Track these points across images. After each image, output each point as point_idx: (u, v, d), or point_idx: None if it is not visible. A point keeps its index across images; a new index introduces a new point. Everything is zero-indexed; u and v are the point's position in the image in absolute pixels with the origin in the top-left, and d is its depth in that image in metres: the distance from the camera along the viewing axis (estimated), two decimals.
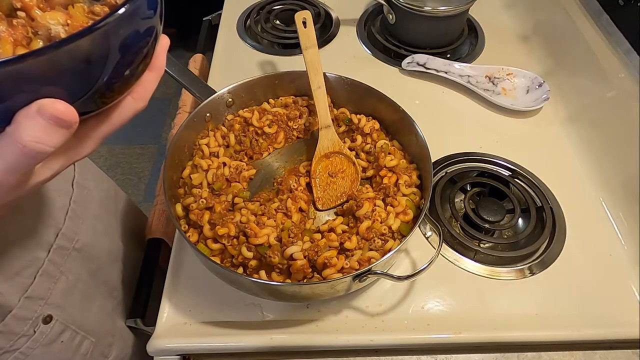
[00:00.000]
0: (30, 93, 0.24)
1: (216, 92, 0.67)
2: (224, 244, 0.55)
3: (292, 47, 0.94)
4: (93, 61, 0.26)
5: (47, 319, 0.54)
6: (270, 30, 0.98)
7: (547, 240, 0.65)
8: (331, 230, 0.58)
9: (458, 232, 0.64)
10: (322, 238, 0.56)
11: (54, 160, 0.28)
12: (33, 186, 0.28)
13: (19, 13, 0.31)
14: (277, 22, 1.01)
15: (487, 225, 0.65)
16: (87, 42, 0.25)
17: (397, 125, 0.67)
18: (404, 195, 0.60)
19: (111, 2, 0.33)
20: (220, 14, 1.03)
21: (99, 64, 0.26)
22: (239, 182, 0.63)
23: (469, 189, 0.70)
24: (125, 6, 0.26)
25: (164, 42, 0.34)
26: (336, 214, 0.63)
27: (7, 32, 0.28)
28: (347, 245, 0.54)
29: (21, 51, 0.28)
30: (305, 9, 0.83)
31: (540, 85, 0.84)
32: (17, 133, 0.24)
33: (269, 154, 0.70)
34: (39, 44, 0.29)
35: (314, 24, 0.80)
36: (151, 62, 0.33)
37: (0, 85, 0.23)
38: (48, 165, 0.28)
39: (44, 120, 0.24)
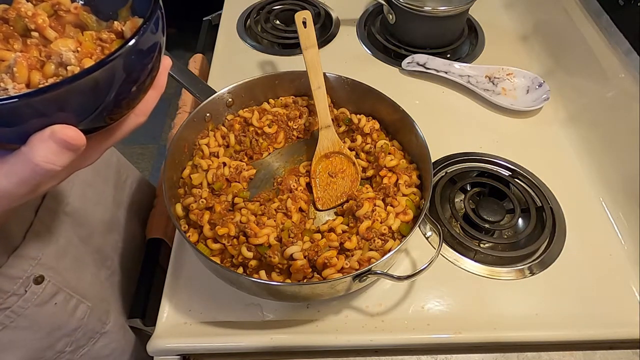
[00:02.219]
0: (45, 118, 0.27)
1: (216, 92, 0.67)
2: (224, 244, 0.55)
3: (292, 47, 0.94)
4: (102, 88, 0.29)
5: (39, 280, 0.53)
6: (270, 30, 0.98)
7: (547, 240, 0.65)
8: (331, 230, 0.58)
9: (458, 232, 0.64)
10: (322, 238, 0.56)
11: (60, 172, 0.30)
12: (39, 193, 0.31)
13: (33, 33, 0.35)
14: (277, 22, 1.01)
15: (487, 225, 0.64)
16: (99, 74, 0.27)
17: (397, 125, 0.67)
18: (404, 195, 0.60)
19: (117, 29, 0.36)
20: (220, 14, 1.03)
21: (107, 90, 0.29)
22: (239, 182, 0.63)
23: (469, 189, 0.70)
24: (134, 39, 0.29)
25: (166, 62, 0.36)
26: (336, 214, 0.63)
27: (22, 57, 0.31)
28: (347, 245, 0.54)
29: (35, 75, 0.31)
30: (305, 9, 0.83)
31: (540, 85, 0.84)
32: (31, 153, 0.27)
33: (269, 154, 0.70)
34: (51, 67, 0.32)
35: (314, 24, 0.80)
36: (154, 81, 0.35)
37: (19, 112, 0.26)
38: (54, 177, 0.31)
39: (55, 144, 0.27)
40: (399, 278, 0.50)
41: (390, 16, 0.92)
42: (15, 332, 0.53)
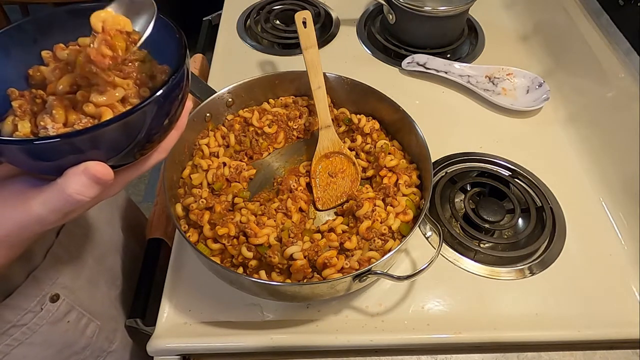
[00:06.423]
0: (80, 155, 0.31)
1: (216, 92, 0.67)
2: (224, 244, 0.55)
3: (292, 47, 0.94)
4: (131, 131, 0.32)
5: (54, 298, 0.56)
6: (270, 30, 0.98)
7: (547, 240, 0.65)
8: (331, 230, 0.58)
9: (458, 232, 0.64)
10: (322, 238, 0.56)
11: (88, 202, 0.34)
12: (67, 220, 0.35)
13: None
14: (277, 22, 1.01)
15: (487, 225, 0.64)
16: (127, 121, 0.31)
17: (397, 125, 0.67)
18: (404, 195, 0.60)
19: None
20: (220, 14, 1.03)
21: (136, 132, 0.33)
22: (239, 182, 0.63)
23: (469, 189, 0.70)
24: (161, 90, 0.32)
25: (188, 104, 0.39)
26: (336, 214, 0.63)
27: (57, 100, 0.34)
28: (347, 245, 0.54)
29: (72, 115, 0.35)
30: (305, 9, 0.83)
31: (540, 85, 0.84)
32: (65, 185, 0.31)
33: (269, 154, 0.70)
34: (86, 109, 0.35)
35: (314, 24, 0.80)
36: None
37: (58, 150, 0.30)
38: (82, 206, 0.35)
39: (86, 178, 0.31)
40: (399, 278, 0.50)
41: (390, 16, 0.92)
42: (30, 349, 0.54)
